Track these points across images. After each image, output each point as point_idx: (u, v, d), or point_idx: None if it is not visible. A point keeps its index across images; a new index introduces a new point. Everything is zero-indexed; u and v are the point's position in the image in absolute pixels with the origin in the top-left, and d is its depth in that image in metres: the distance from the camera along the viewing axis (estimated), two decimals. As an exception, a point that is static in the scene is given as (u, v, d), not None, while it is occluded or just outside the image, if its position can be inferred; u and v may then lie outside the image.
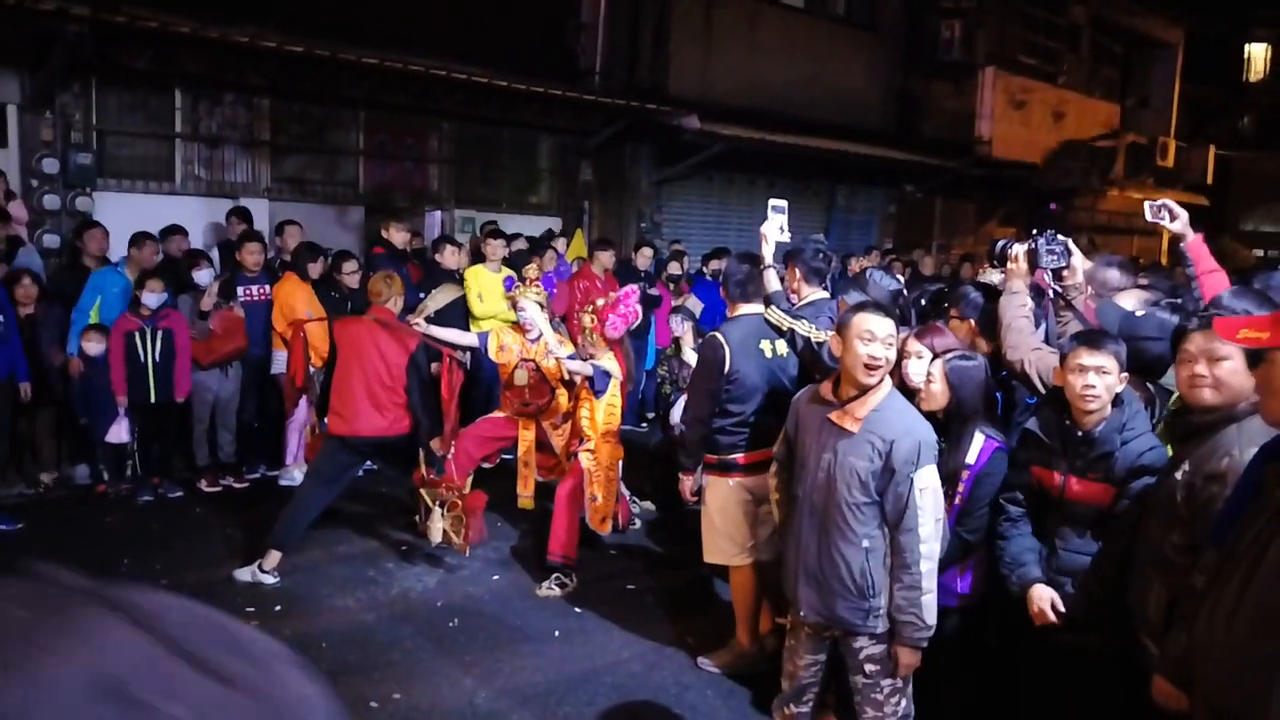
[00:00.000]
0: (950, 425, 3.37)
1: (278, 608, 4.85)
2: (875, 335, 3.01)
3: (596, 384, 5.20)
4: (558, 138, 10.62)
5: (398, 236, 7.74)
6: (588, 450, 5.26)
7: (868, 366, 3.01)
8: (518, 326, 5.80)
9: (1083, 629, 2.98)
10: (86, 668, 0.54)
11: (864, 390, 3.05)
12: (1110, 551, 2.93)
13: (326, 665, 4.24)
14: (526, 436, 5.84)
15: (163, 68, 7.66)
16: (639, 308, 5.65)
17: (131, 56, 7.43)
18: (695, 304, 8.81)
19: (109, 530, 5.86)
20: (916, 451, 2.96)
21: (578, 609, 5.04)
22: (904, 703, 3.16)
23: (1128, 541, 2.82)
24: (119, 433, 6.36)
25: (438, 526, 5.18)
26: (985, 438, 3.32)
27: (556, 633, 4.76)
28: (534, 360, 5.68)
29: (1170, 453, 2.85)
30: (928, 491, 2.97)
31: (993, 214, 15.79)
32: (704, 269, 9.90)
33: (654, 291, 9.44)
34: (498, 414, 5.97)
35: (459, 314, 7.36)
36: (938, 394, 3.38)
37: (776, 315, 4.10)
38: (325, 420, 5.35)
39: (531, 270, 5.94)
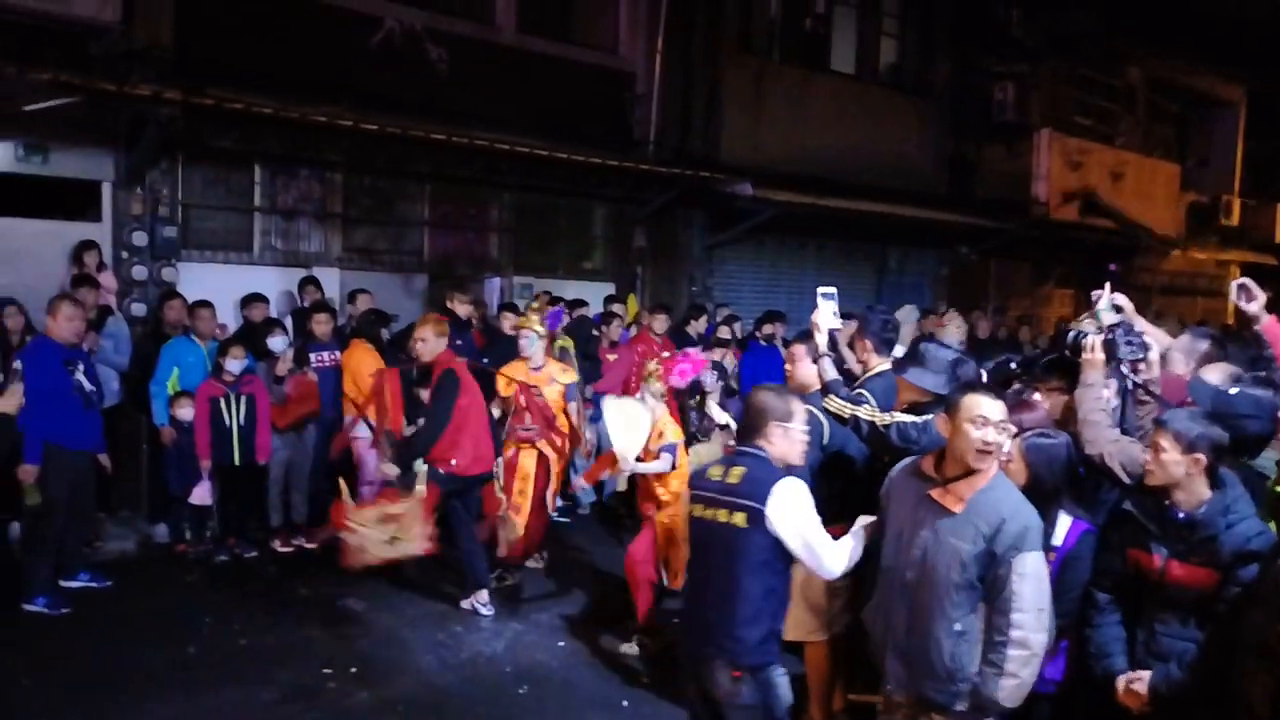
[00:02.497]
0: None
1: (353, 670, 5.00)
2: (989, 420, 2.96)
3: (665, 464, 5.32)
4: (612, 205, 10.91)
5: (461, 309, 8.03)
6: (667, 514, 5.33)
7: (980, 452, 2.97)
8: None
9: (1184, 716, 2.95)
10: None
11: (971, 472, 3.02)
12: (1217, 639, 2.88)
13: (405, 730, 4.39)
14: (525, 465, 6.30)
15: (245, 145, 8.08)
16: (705, 358, 5.81)
17: (217, 135, 7.84)
18: (730, 361, 8.88)
19: (191, 589, 6.09)
20: (1023, 536, 2.89)
21: (645, 679, 5.10)
22: None
23: (1235, 628, 2.77)
24: (202, 494, 6.64)
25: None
26: (1073, 519, 3.27)
27: (625, 702, 4.83)
28: (535, 387, 6.29)
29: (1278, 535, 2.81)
30: (1029, 578, 2.87)
31: (1049, 275, 15.74)
32: (756, 333, 10.02)
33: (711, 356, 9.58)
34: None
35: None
36: (1015, 473, 3.26)
37: (837, 404, 4.00)
38: (437, 465, 5.64)
39: (535, 303, 6.52)
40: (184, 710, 4.50)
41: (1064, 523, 3.26)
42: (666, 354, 8.55)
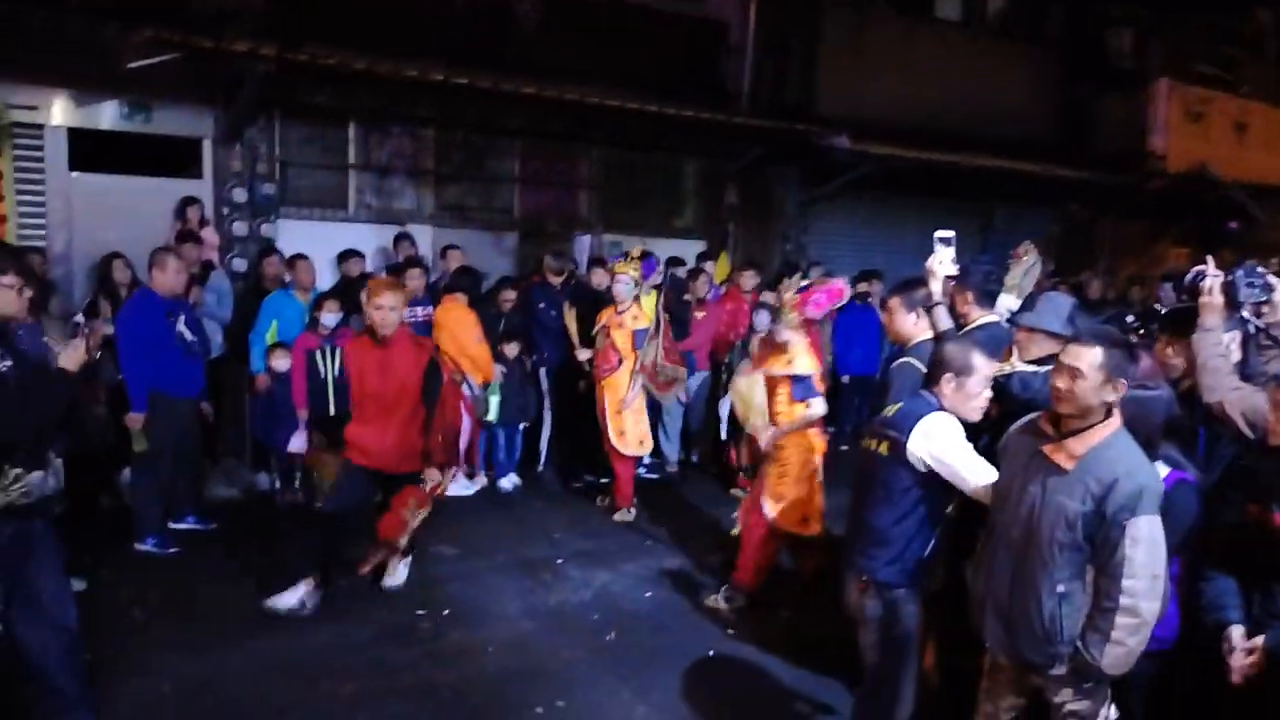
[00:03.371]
0: None
1: (446, 612, 5.05)
2: (1062, 365, 2.86)
3: (798, 394, 5.05)
4: (704, 161, 10.70)
5: (553, 278, 8.04)
6: (777, 465, 5.14)
7: (1054, 396, 2.87)
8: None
9: None
10: None
11: (1087, 426, 2.86)
12: None
13: (493, 669, 4.42)
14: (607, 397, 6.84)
15: (339, 102, 8.16)
16: (847, 288, 5.56)
17: (311, 91, 7.95)
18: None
19: (287, 536, 6.22)
20: (1136, 498, 2.71)
21: (730, 630, 5.04)
22: None
23: None
24: (299, 444, 6.77)
25: None
26: (1169, 469, 3.11)
27: (711, 653, 4.77)
28: (610, 328, 6.77)
29: None
30: (1142, 543, 2.71)
31: (1165, 233, 14.90)
32: (853, 292, 9.73)
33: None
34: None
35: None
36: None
37: None
38: None
39: (635, 250, 6.81)
40: (285, 646, 4.59)
41: (1161, 472, 3.06)
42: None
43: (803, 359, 5.04)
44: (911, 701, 3.39)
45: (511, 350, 7.45)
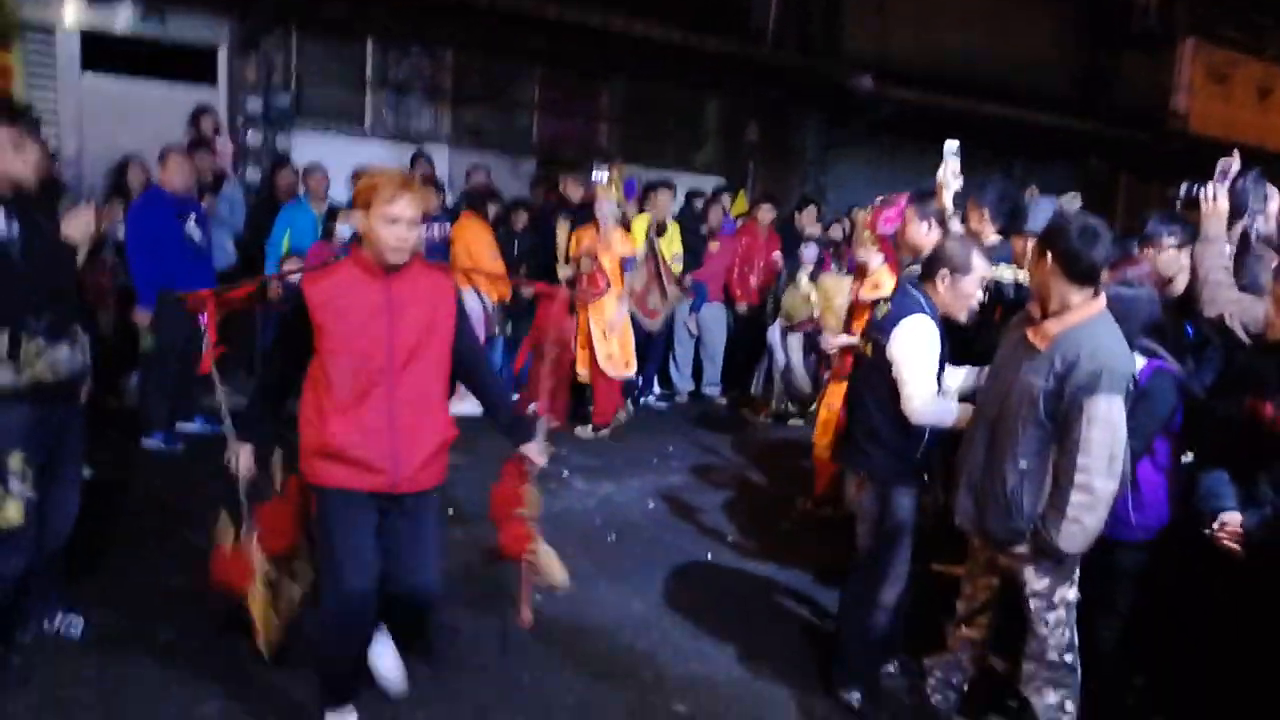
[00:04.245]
0: None
1: (450, 511, 5.06)
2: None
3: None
4: (726, 98, 10.60)
5: (573, 191, 7.94)
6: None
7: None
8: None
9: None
10: None
11: (1065, 309, 2.86)
12: None
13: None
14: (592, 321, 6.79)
15: (356, 17, 8.07)
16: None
17: (329, 6, 7.86)
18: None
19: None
20: (1096, 377, 2.72)
21: (730, 537, 5.11)
22: (1067, 634, 3.03)
23: None
24: (308, 355, 6.75)
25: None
26: (1147, 358, 3.13)
27: (709, 555, 4.84)
28: (597, 253, 6.67)
29: None
30: (1097, 422, 2.72)
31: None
32: (870, 234, 9.66)
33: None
34: None
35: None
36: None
37: None
38: None
39: (615, 171, 6.92)
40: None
41: (1138, 362, 3.08)
42: (776, 252, 8.33)
43: (887, 280, 4.97)
44: (901, 585, 3.43)
45: (524, 272, 7.40)
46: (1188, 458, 3.27)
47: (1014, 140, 12.01)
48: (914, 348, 3.25)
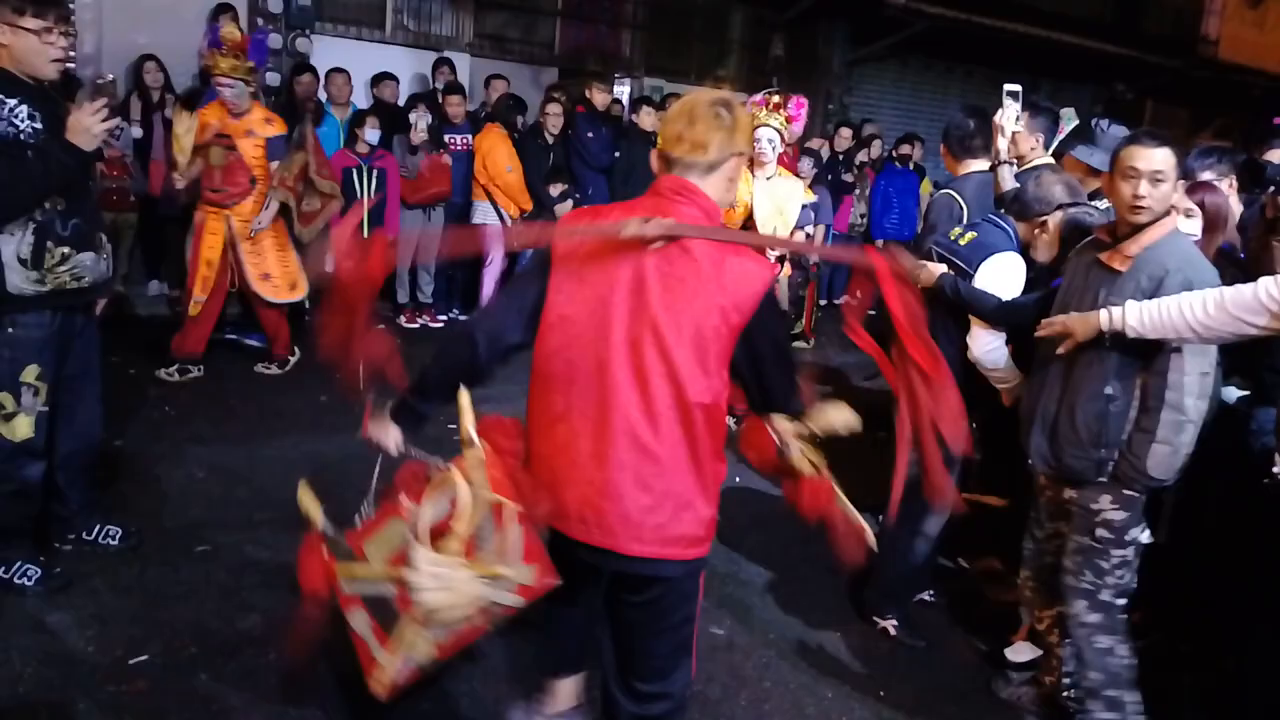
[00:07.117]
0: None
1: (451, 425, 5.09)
2: (1140, 171, 2.67)
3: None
4: (751, 9, 10.32)
5: (599, 98, 7.74)
6: None
7: (1133, 208, 2.70)
8: None
9: None
10: None
11: (1137, 229, 2.74)
12: None
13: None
14: (211, 237, 5.35)
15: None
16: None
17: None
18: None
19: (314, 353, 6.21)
20: (1188, 289, 2.57)
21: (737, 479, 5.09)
22: (1128, 576, 2.82)
23: None
24: (331, 264, 6.67)
25: None
26: None
27: (737, 479, 4.81)
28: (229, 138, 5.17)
29: None
30: None
31: (1208, 124, 14.51)
32: (893, 154, 9.54)
33: (847, 177, 9.17)
34: None
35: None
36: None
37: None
38: None
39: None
40: (313, 445, 4.67)
41: None
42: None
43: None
44: (946, 515, 3.36)
45: (556, 189, 7.24)
46: (1239, 393, 3.21)
47: (1040, 62, 11.77)
48: (1001, 288, 3.17)
